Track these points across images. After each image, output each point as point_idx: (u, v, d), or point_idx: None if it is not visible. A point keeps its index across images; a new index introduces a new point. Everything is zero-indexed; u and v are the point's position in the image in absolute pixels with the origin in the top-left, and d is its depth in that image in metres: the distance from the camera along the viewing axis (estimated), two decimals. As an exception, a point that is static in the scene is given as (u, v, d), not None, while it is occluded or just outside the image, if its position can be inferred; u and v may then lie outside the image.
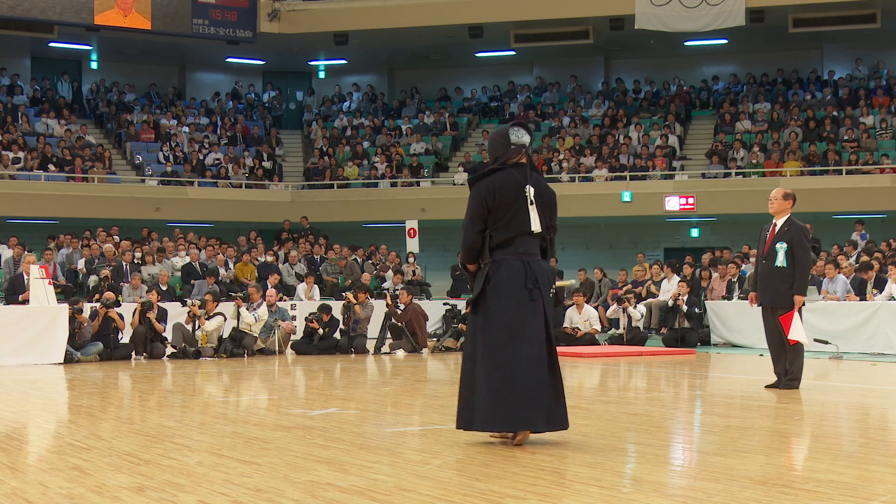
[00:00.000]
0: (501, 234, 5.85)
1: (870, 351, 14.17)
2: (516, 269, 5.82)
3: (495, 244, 5.86)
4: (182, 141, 27.30)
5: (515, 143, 6.01)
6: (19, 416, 7.95)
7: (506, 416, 5.70)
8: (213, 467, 5.23)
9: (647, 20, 25.21)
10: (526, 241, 5.90)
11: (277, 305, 15.42)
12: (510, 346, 5.73)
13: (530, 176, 5.96)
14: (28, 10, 24.60)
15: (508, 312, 5.77)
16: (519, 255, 5.86)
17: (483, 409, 5.72)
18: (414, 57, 29.74)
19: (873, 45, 27.52)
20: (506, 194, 5.85)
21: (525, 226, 5.87)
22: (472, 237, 5.88)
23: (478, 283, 5.89)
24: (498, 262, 5.85)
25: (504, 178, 5.90)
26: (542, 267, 5.94)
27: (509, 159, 5.97)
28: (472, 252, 5.92)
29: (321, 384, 10.67)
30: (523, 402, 5.68)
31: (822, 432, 6.72)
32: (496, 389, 5.69)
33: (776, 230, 9.21)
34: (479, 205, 5.85)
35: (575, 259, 24.86)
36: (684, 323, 16.08)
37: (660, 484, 4.72)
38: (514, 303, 5.78)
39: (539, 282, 5.84)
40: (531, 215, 5.88)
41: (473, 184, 5.96)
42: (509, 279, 5.80)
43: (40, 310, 13.39)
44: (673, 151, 26.01)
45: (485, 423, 5.76)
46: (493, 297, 5.81)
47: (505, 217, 5.83)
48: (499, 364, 5.71)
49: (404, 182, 26.36)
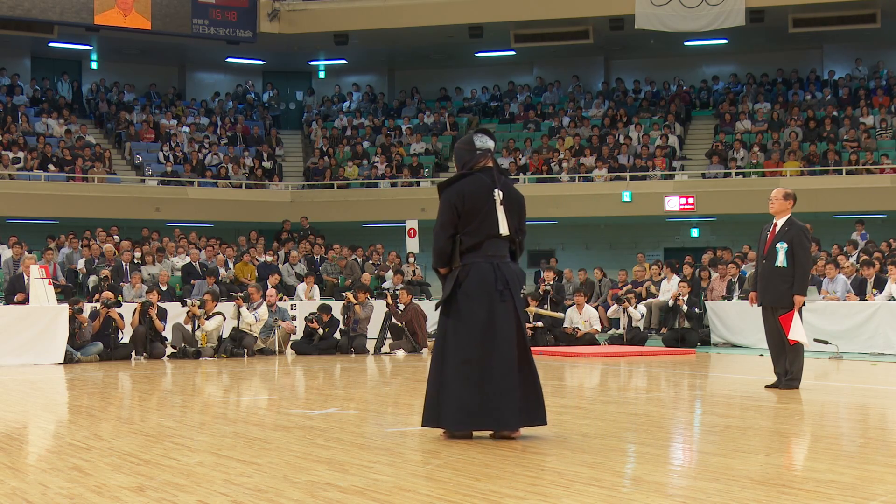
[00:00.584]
0: (471, 238, 6.00)
1: (870, 351, 14.17)
2: (486, 271, 5.98)
3: (465, 248, 6.02)
4: (182, 141, 27.29)
5: (481, 148, 6.15)
6: (19, 416, 7.95)
7: (479, 416, 5.85)
8: (213, 467, 5.23)
9: (647, 20, 25.21)
10: (495, 244, 6.04)
11: (277, 305, 15.43)
12: (481, 347, 5.87)
13: (498, 179, 6.10)
14: (28, 10, 24.60)
15: (479, 314, 5.92)
16: (488, 258, 6.01)
17: (455, 408, 5.86)
18: (414, 57, 29.74)
19: (873, 45, 27.52)
20: (475, 199, 6.00)
21: (494, 229, 6.02)
22: (443, 242, 6.04)
23: (448, 286, 6.05)
24: (468, 266, 6.01)
25: (473, 183, 6.05)
26: (512, 268, 6.10)
27: (476, 164, 6.12)
28: (444, 256, 6.08)
29: (321, 384, 10.66)
30: (496, 402, 5.82)
31: (822, 432, 6.72)
32: (468, 390, 5.83)
33: (776, 230, 9.21)
34: (449, 210, 6.01)
35: (575, 259, 24.86)
36: (684, 323, 16.08)
37: (660, 484, 4.72)
38: (485, 305, 5.93)
39: (509, 283, 5.99)
40: (500, 218, 6.03)
41: (443, 190, 6.11)
42: (479, 282, 5.96)
43: (40, 310, 13.38)
44: (673, 151, 26.01)
45: (459, 423, 5.90)
46: (463, 300, 5.96)
47: (475, 221, 5.99)
48: (472, 367, 5.85)
49: (404, 182, 26.36)
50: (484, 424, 5.91)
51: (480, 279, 5.95)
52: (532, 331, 16.04)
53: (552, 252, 25.08)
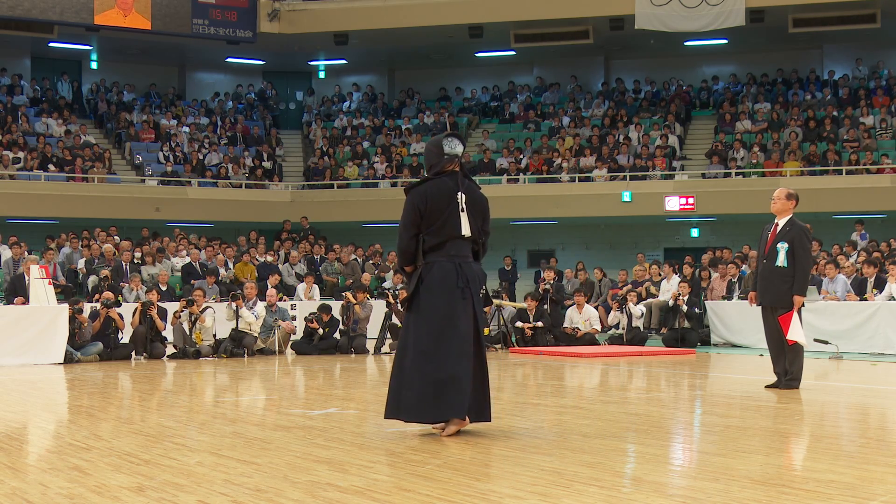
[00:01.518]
0: (434, 238, 6.24)
1: (870, 351, 14.17)
2: (448, 270, 6.22)
3: (428, 247, 6.26)
4: (182, 141, 27.29)
5: (449, 153, 6.37)
6: (19, 416, 7.95)
7: (434, 408, 6.08)
8: (213, 467, 5.23)
9: (647, 20, 25.21)
10: (458, 245, 6.29)
11: (277, 305, 15.43)
12: (440, 341, 6.11)
13: (462, 183, 6.34)
14: (28, 10, 24.60)
15: (440, 310, 6.15)
16: (451, 258, 6.26)
17: (412, 401, 6.09)
18: (414, 57, 29.74)
19: (873, 45, 27.52)
20: (438, 201, 6.24)
21: (456, 230, 6.26)
22: (406, 242, 6.29)
23: (412, 283, 6.29)
24: (431, 264, 6.26)
25: (437, 186, 6.30)
26: (474, 268, 6.35)
27: (443, 168, 6.35)
28: (407, 255, 6.33)
29: (321, 384, 10.67)
30: (451, 394, 6.06)
31: (822, 432, 6.72)
32: (425, 383, 6.06)
33: (777, 230, 9.21)
34: (412, 211, 6.27)
35: (575, 259, 24.86)
36: (684, 323, 16.08)
37: (660, 484, 4.72)
38: (446, 301, 6.18)
39: (470, 281, 6.24)
40: (462, 220, 6.26)
41: (409, 191, 6.37)
42: (441, 279, 6.20)
43: (40, 310, 13.39)
44: (673, 151, 26.00)
45: (414, 416, 6.13)
46: (425, 296, 6.20)
47: (437, 222, 6.23)
48: (429, 358, 6.08)
49: (404, 182, 26.33)
50: (437, 416, 6.11)
51: (443, 276, 6.20)
52: (532, 331, 16.04)
53: (552, 252, 25.08)
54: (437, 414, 6.12)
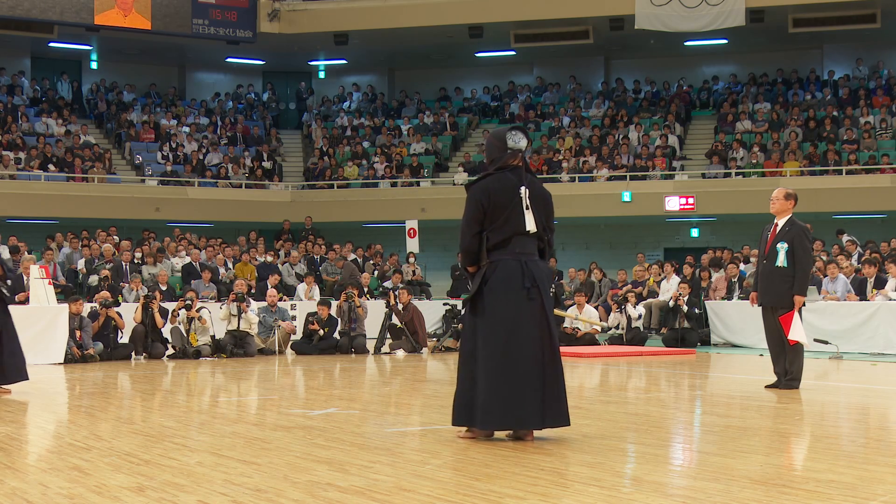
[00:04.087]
0: (498, 234, 5.95)
1: (870, 351, 14.17)
2: (513, 268, 5.93)
3: (492, 245, 5.97)
4: (182, 141, 27.29)
5: (512, 147, 6.11)
6: (19, 416, 7.95)
7: (504, 414, 5.80)
8: (213, 467, 5.23)
9: (647, 20, 25.21)
10: (523, 242, 6.00)
11: (277, 305, 15.43)
12: (507, 345, 5.82)
13: (525, 178, 6.06)
14: (28, 10, 24.60)
15: (505, 312, 5.87)
16: (516, 256, 5.96)
17: (483, 407, 5.81)
18: (414, 57, 29.73)
19: (873, 45, 27.51)
20: (501, 196, 5.96)
21: (521, 226, 5.97)
22: (469, 240, 6.01)
23: (475, 283, 6.00)
24: (495, 263, 5.96)
25: (499, 181, 6.01)
26: (541, 266, 6.04)
27: (505, 163, 6.08)
28: (470, 254, 6.04)
29: (321, 384, 10.66)
30: (520, 401, 5.78)
31: (822, 432, 6.72)
32: (495, 389, 5.78)
33: (777, 230, 9.21)
34: (474, 208, 5.97)
35: (575, 259, 24.86)
36: (684, 323, 16.08)
37: (660, 484, 4.72)
38: (511, 302, 5.88)
39: (537, 280, 5.93)
40: (526, 216, 5.98)
41: (470, 188, 6.08)
42: (506, 279, 5.91)
43: (40, 310, 13.38)
44: (673, 151, 26.00)
45: (484, 422, 5.86)
46: (489, 297, 5.92)
47: (500, 218, 5.94)
48: (497, 363, 5.80)
49: (404, 182, 26.36)
50: (506, 424, 5.89)
51: (507, 276, 5.91)
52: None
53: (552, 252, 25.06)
54: (509, 422, 5.86)
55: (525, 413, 5.80)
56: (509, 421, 5.85)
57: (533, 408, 5.80)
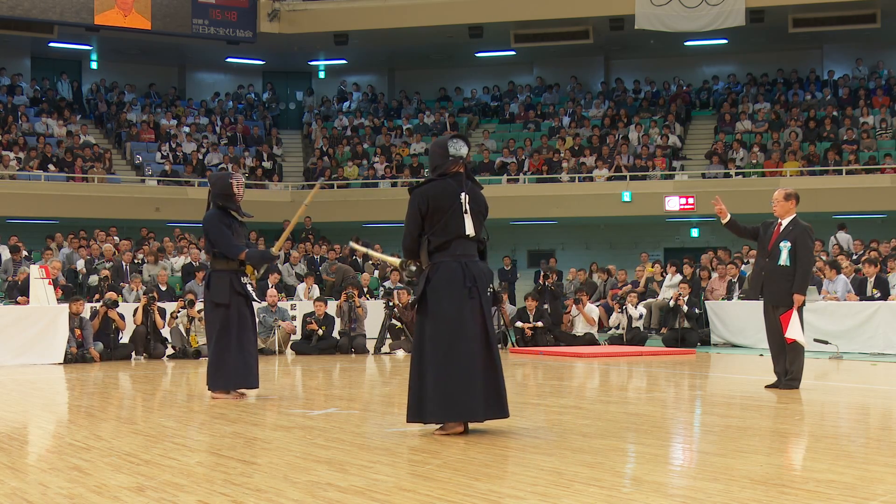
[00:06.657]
0: (439, 237, 6.33)
1: (870, 351, 14.17)
2: (454, 269, 6.30)
3: (434, 247, 6.36)
4: (182, 141, 27.29)
5: (454, 154, 6.43)
6: (19, 416, 7.95)
7: (448, 408, 6.15)
8: (213, 467, 5.23)
9: (647, 20, 25.21)
10: (463, 244, 6.37)
11: (277, 305, 15.43)
12: (452, 342, 6.17)
13: (465, 185, 6.41)
14: (28, 10, 24.60)
15: (448, 311, 6.23)
16: (457, 258, 6.35)
17: (432, 402, 6.16)
18: (414, 57, 29.73)
19: (873, 45, 27.51)
20: (441, 201, 6.32)
21: (461, 230, 6.35)
22: (409, 242, 6.45)
23: (419, 285, 6.37)
24: (437, 265, 6.35)
25: (440, 187, 6.38)
26: (480, 267, 6.43)
27: (447, 170, 6.42)
28: (411, 254, 6.45)
29: (321, 384, 10.66)
30: (463, 395, 6.13)
31: (822, 432, 6.72)
32: (442, 384, 6.13)
33: (781, 229, 9.23)
34: (414, 212, 6.39)
35: (575, 259, 24.86)
36: (684, 323, 16.08)
37: (660, 484, 4.72)
38: (453, 302, 6.24)
39: (477, 280, 6.30)
40: (466, 221, 6.34)
41: (412, 192, 6.46)
42: (448, 280, 6.28)
43: (40, 310, 13.39)
44: (673, 151, 26.01)
45: (434, 415, 6.19)
46: (432, 298, 6.29)
47: (440, 223, 6.30)
48: (441, 359, 6.16)
49: (404, 182, 26.35)
50: (450, 417, 6.18)
51: (449, 277, 6.28)
52: (532, 331, 16.05)
53: (552, 252, 25.07)
54: (455, 415, 6.17)
55: (467, 407, 6.13)
56: (452, 414, 6.16)
57: (475, 402, 6.14)
